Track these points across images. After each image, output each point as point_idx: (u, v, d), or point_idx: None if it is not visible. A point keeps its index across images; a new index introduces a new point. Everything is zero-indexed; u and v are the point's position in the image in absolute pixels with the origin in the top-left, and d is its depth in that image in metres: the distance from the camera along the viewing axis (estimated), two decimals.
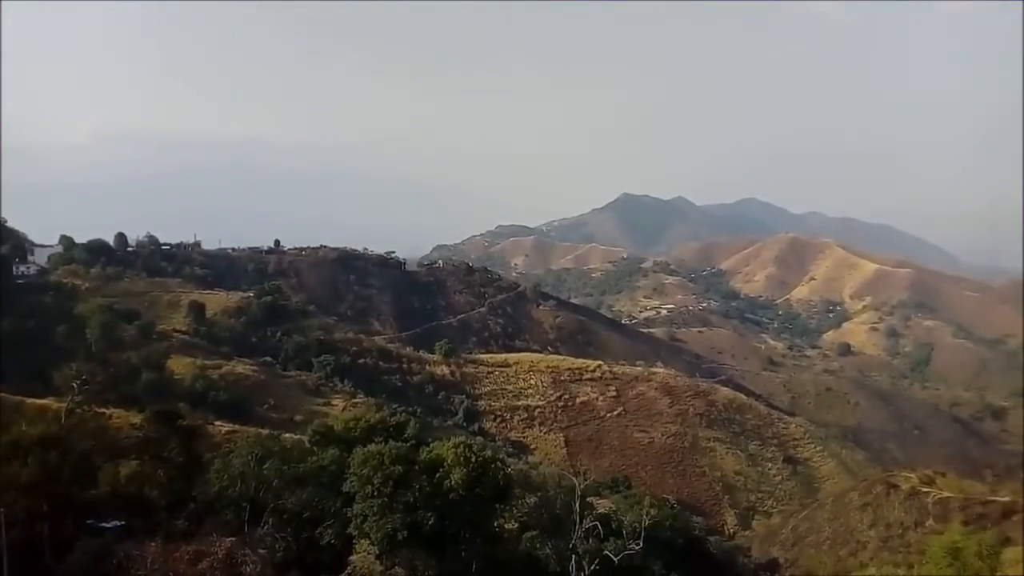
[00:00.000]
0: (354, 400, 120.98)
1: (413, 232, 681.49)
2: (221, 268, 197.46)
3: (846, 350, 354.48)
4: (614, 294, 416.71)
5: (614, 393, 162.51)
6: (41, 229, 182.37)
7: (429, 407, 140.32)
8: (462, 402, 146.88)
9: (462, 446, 47.69)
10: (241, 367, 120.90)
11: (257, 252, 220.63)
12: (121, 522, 40.38)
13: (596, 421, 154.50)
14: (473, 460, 46.31)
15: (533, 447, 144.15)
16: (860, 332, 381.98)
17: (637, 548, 49.08)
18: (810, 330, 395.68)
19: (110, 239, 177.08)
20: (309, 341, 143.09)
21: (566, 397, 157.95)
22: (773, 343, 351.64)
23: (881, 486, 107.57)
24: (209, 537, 38.10)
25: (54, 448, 40.99)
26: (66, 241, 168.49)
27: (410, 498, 43.00)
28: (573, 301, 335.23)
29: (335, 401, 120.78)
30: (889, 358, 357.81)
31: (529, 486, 70.07)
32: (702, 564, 68.41)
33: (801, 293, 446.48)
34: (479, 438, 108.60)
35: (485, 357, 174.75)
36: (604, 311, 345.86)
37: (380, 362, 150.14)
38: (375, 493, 42.79)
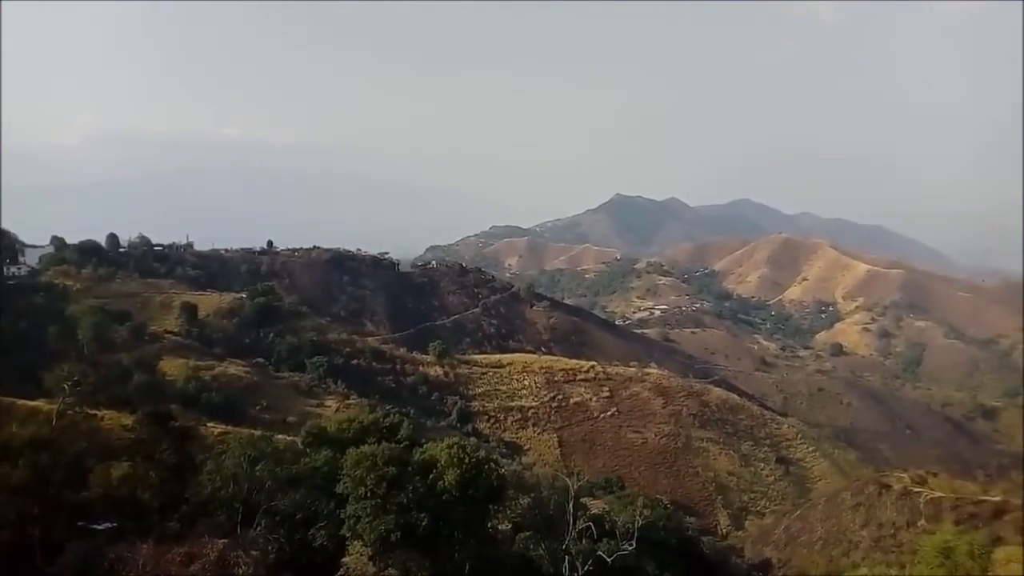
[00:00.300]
0: (347, 401, 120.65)
1: (407, 233, 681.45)
2: (214, 269, 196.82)
3: (838, 350, 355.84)
4: (608, 295, 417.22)
5: (607, 394, 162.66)
6: (32, 230, 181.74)
7: (423, 408, 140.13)
8: (456, 403, 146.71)
9: (456, 447, 47.68)
10: (234, 368, 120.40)
11: (250, 253, 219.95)
12: (113, 524, 40.14)
13: (590, 422, 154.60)
14: (467, 461, 46.30)
15: (527, 448, 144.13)
16: (852, 333, 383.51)
17: (630, 548, 49.19)
18: (803, 331, 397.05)
19: (102, 240, 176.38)
20: (302, 342, 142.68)
21: (560, 398, 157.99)
22: (766, 344, 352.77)
23: (873, 486, 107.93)
24: (201, 539, 37.93)
25: (45, 450, 40.78)
26: (57, 242, 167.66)
27: (403, 499, 42.95)
28: (567, 302, 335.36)
29: (328, 402, 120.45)
30: (881, 358, 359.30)
31: (523, 487, 70.08)
32: (695, 564, 68.55)
33: (794, 294, 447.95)
34: (473, 439, 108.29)
35: (479, 358, 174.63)
36: (598, 312, 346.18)
37: (373, 363, 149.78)
38: (368, 494, 42.74)
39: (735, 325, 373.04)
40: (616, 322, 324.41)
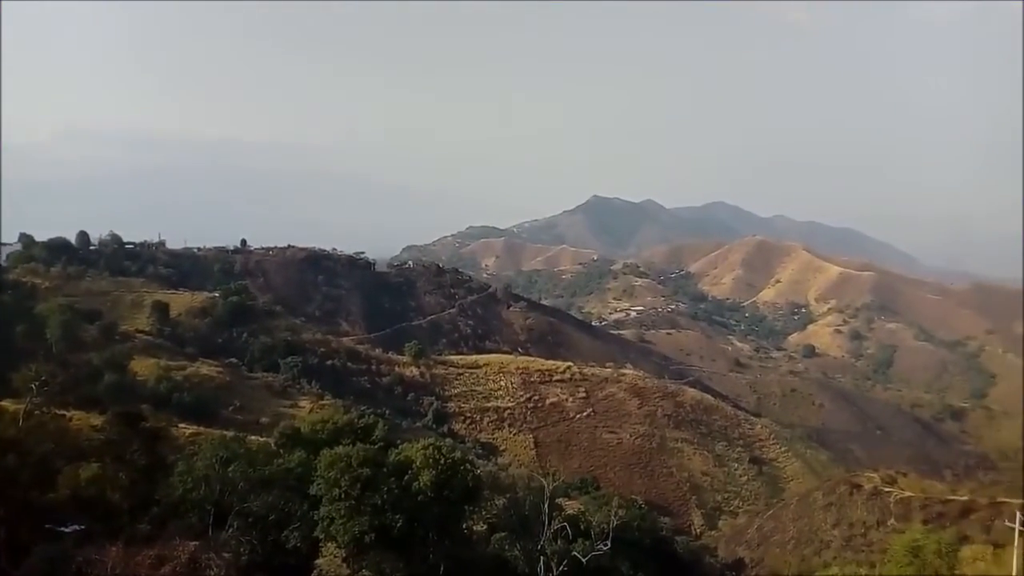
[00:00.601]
0: (321, 402, 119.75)
1: (383, 232, 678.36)
2: (186, 268, 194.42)
3: (811, 352, 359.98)
4: (584, 296, 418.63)
5: (583, 394, 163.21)
6: None
7: (398, 409, 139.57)
8: (431, 404, 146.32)
9: (431, 448, 47.53)
10: (206, 368, 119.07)
11: (223, 252, 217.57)
12: (81, 526, 39.55)
13: (565, 422, 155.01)
14: (442, 462, 46.18)
15: (502, 448, 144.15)
16: (824, 334, 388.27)
17: (605, 549, 49.39)
18: (776, 332, 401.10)
19: (72, 237, 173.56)
20: (276, 342, 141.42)
21: (536, 398, 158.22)
22: (740, 345, 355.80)
23: (845, 486, 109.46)
24: (172, 541, 37.50)
25: (12, 451, 40.16)
26: (25, 239, 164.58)
27: (378, 500, 42.72)
28: (543, 302, 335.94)
29: (302, 403, 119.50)
30: (853, 360, 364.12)
31: (498, 487, 70.06)
32: (669, 564, 69.00)
33: (767, 295, 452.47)
34: (448, 440, 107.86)
35: (455, 358, 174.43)
36: (574, 313, 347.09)
37: (348, 363, 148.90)
38: (342, 496, 42.45)
39: (710, 326, 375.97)
40: (592, 323, 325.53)
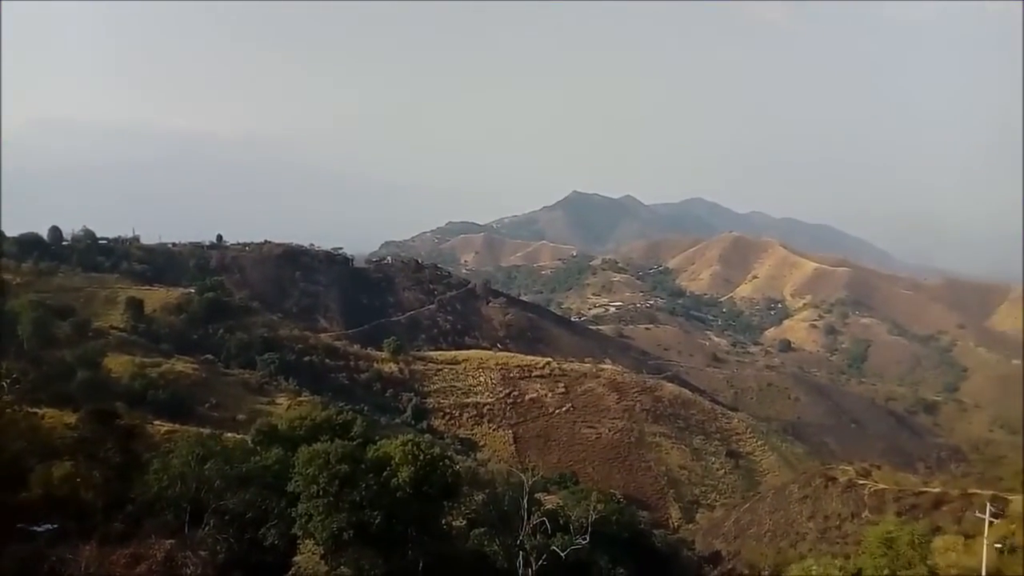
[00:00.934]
0: (299, 399, 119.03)
1: (362, 228, 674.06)
2: (161, 263, 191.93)
3: (787, 346, 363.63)
4: (564, 291, 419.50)
5: (563, 390, 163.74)
6: None
7: (377, 405, 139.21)
8: (410, 400, 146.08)
9: (410, 444, 47.45)
10: (181, 365, 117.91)
11: (199, 247, 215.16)
12: (54, 525, 39.06)
13: (545, 417, 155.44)
14: (421, 458, 46.13)
15: (482, 444, 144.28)
16: (800, 329, 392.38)
17: (584, 543, 49.66)
18: (753, 327, 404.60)
19: (44, 233, 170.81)
20: (253, 338, 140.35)
21: (515, 394, 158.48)
22: (717, 340, 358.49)
23: (820, 479, 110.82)
24: (148, 539, 37.22)
25: None
26: None
27: (356, 497, 42.58)
28: (523, 298, 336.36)
29: (279, 400, 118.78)
30: (828, 354, 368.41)
31: (478, 483, 70.16)
32: (647, 558, 69.43)
33: (744, 291, 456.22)
34: (427, 436, 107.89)
35: (434, 354, 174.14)
36: (554, 308, 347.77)
37: (326, 360, 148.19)
38: (320, 492, 42.26)
39: (688, 322, 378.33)
40: (572, 318, 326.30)
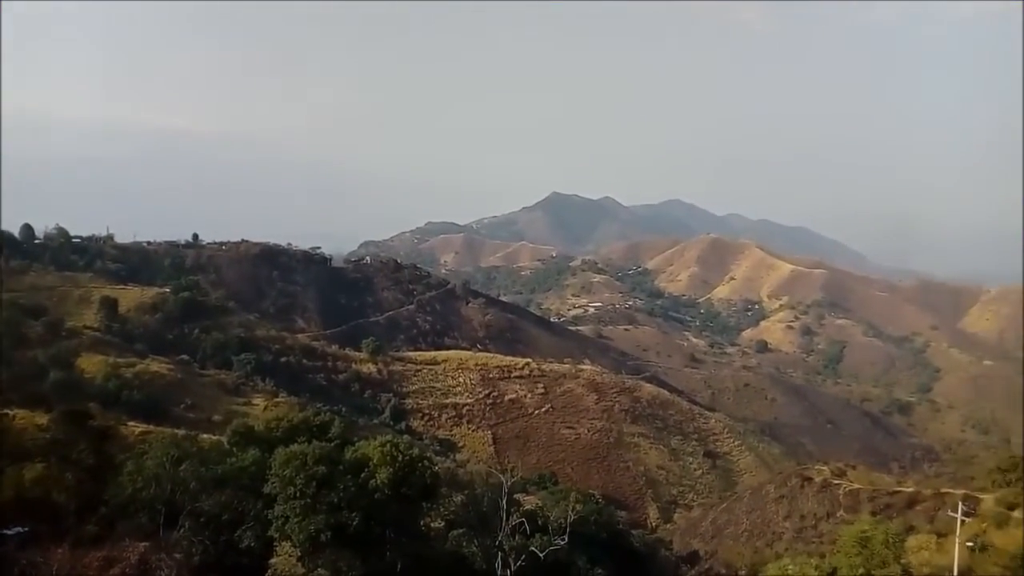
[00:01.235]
0: (276, 399, 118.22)
1: (340, 228, 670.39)
2: (135, 263, 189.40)
3: (763, 347, 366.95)
4: (543, 292, 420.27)
5: (542, 390, 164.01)
6: None
7: (355, 406, 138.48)
8: (389, 400, 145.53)
9: (388, 445, 47.16)
10: (156, 365, 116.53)
11: (174, 246, 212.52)
12: (25, 528, 38.45)
13: (524, 418, 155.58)
14: (400, 459, 45.86)
15: (461, 445, 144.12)
16: (777, 330, 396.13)
17: (562, 543, 49.69)
18: (730, 328, 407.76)
19: (15, 231, 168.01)
20: (229, 339, 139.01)
21: (495, 395, 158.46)
22: (695, 340, 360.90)
23: (796, 479, 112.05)
24: (121, 542, 36.75)
25: None
26: None
27: (334, 498, 42.26)
28: (503, 299, 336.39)
29: (256, 400, 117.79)
30: (804, 355, 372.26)
31: (456, 484, 70.06)
32: (625, 558, 69.67)
33: (722, 292, 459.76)
34: (406, 437, 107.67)
35: (413, 355, 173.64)
36: (533, 309, 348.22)
37: (304, 360, 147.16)
38: (298, 494, 41.90)
39: (666, 322, 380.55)
40: (551, 319, 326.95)
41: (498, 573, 47.92)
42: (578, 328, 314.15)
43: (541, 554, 48.31)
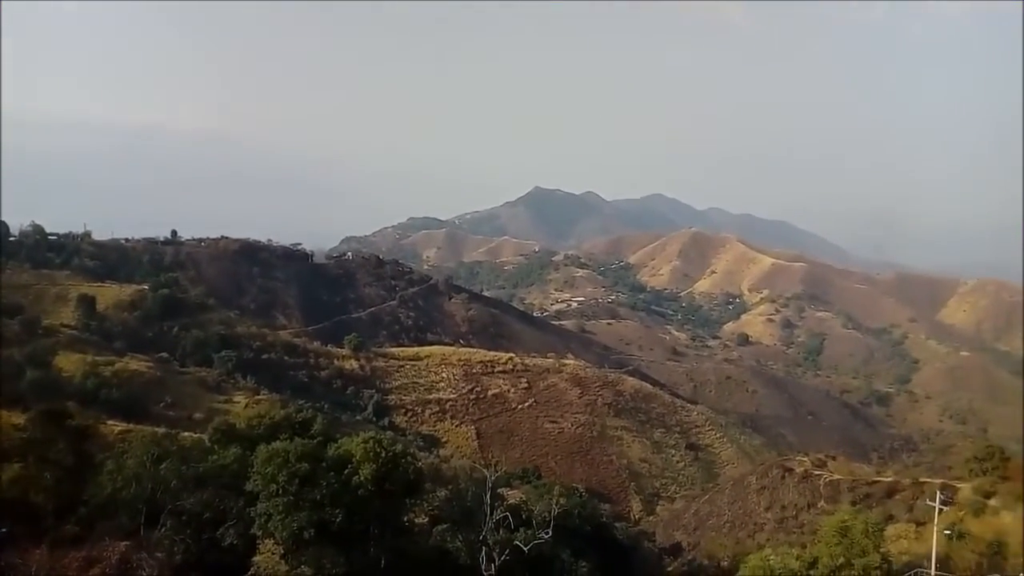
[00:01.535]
0: (257, 397, 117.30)
1: (321, 223, 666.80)
2: (113, 260, 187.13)
3: (744, 340, 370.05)
4: (526, 287, 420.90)
5: (525, 385, 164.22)
6: None
7: (337, 402, 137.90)
8: (372, 397, 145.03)
9: (371, 441, 46.94)
10: (135, 363, 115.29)
11: (153, 243, 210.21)
12: (2, 529, 37.99)
13: (507, 413, 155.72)
14: (383, 455, 45.69)
15: (444, 440, 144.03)
16: (758, 323, 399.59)
17: (546, 537, 49.74)
18: (711, 321, 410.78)
19: None
20: (209, 336, 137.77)
21: (478, 390, 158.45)
22: (677, 334, 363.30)
23: (777, 470, 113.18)
24: (102, 542, 36.42)
25: None
26: None
27: (317, 495, 42.07)
28: (485, 294, 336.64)
29: (237, 398, 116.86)
30: (784, 348, 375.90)
31: (440, 479, 69.98)
32: (609, 550, 69.91)
33: (703, 286, 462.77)
34: (389, 433, 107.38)
35: (396, 351, 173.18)
36: (516, 304, 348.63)
37: (285, 357, 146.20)
38: (280, 492, 41.66)
39: (648, 316, 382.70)
40: (534, 314, 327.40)
41: (482, 568, 47.95)
42: (561, 323, 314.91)
43: (525, 548, 48.34)
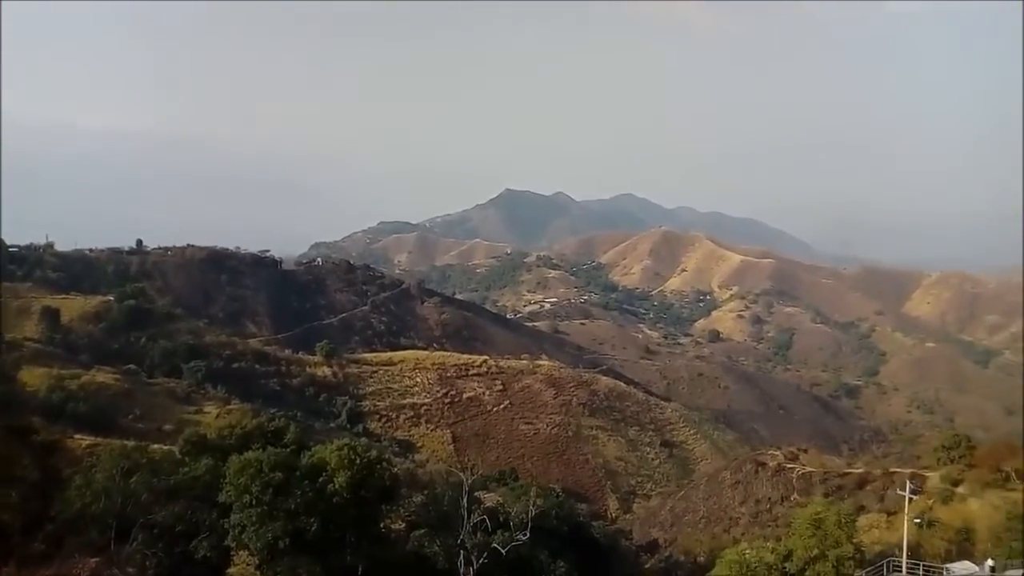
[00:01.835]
0: (228, 407, 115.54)
1: (290, 230, 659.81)
2: (77, 271, 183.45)
3: (716, 337, 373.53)
4: (499, 289, 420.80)
5: (500, 387, 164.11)
6: None
7: (310, 410, 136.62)
8: (345, 403, 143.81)
9: (346, 448, 46.68)
10: (102, 376, 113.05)
11: (117, 253, 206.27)
12: None
13: (483, 416, 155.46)
14: (358, 462, 45.43)
15: (420, 445, 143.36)
16: (728, 319, 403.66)
17: (524, 539, 49.77)
18: (683, 319, 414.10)
19: None
20: (177, 346, 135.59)
21: (452, 393, 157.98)
22: (649, 332, 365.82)
23: (750, 464, 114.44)
24: (71, 559, 35.71)
25: None
26: None
27: (291, 505, 41.71)
28: (458, 297, 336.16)
29: (208, 408, 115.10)
30: (754, 343, 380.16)
31: (416, 484, 69.66)
32: (586, 550, 70.10)
33: (674, 284, 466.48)
34: (364, 439, 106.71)
35: (369, 356, 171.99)
36: (489, 306, 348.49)
37: (256, 366, 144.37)
38: (254, 502, 41.22)
39: (621, 315, 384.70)
40: (507, 316, 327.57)
41: (460, 571, 47.84)
42: (534, 324, 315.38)
43: (503, 550, 48.34)
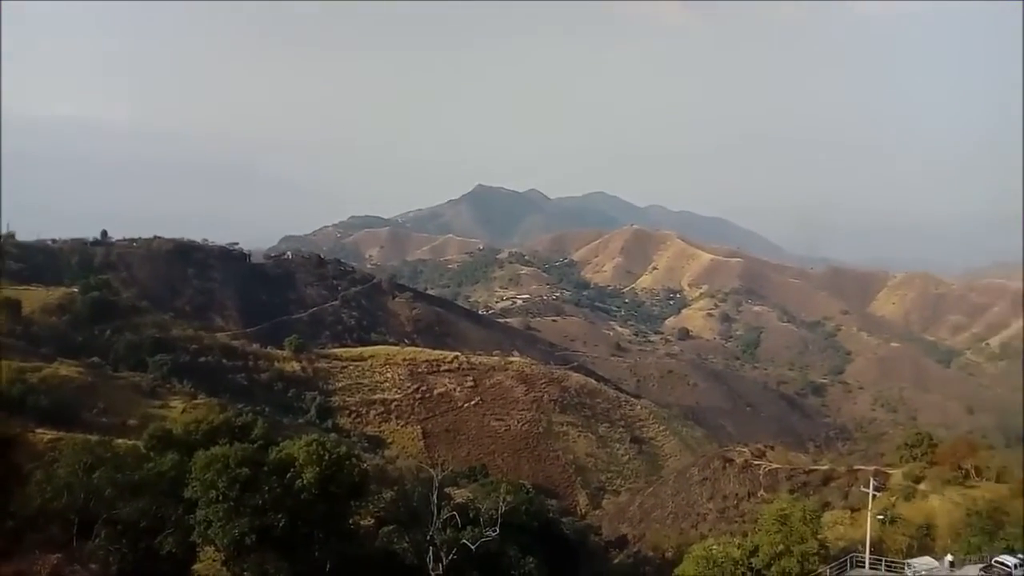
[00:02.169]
0: (195, 401, 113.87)
1: (258, 223, 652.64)
2: (39, 262, 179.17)
3: (685, 335, 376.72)
4: (471, 285, 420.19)
5: (471, 383, 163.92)
6: None
7: (279, 405, 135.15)
8: (314, 399, 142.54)
9: (314, 444, 46.31)
10: (65, 369, 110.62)
11: (81, 244, 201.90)
12: None
13: (454, 412, 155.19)
14: (326, 458, 45.10)
15: (390, 441, 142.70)
16: (698, 318, 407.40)
17: (494, 535, 49.79)
18: (653, 317, 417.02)
19: None
20: (143, 339, 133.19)
21: (423, 389, 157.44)
22: (620, 330, 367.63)
23: (718, 461, 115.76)
24: (31, 555, 34.94)
25: None
26: None
27: (259, 501, 41.25)
28: (430, 292, 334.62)
29: (173, 403, 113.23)
30: (723, 341, 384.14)
31: (386, 481, 69.32)
32: (556, 545, 70.34)
33: (645, 282, 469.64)
34: (333, 435, 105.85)
35: (339, 351, 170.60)
36: (461, 302, 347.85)
37: (224, 360, 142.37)
38: (220, 498, 40.69)
39: (592, 313, 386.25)
40: (479, 312, 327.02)
41: (430, 568, 47.69)
42: (506, 320, 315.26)
43: (473, 546, 48.31)
